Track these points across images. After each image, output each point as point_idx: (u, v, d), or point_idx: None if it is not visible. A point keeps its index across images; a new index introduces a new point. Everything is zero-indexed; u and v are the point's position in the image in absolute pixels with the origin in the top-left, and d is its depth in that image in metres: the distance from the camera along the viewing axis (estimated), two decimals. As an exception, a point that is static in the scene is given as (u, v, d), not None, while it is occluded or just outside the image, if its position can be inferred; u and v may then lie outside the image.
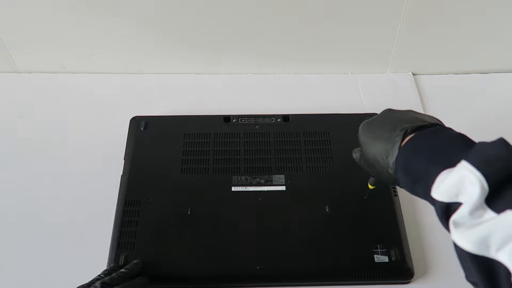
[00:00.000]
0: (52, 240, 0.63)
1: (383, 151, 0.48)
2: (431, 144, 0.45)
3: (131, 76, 0.84)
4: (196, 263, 0.60)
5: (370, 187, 0.61)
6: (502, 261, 0.35)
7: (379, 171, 0.50)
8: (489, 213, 0.37)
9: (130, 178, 0.67)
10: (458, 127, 0.51)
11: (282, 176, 0.67)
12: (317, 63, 0.85)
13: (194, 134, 0.72)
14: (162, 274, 0.59)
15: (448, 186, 0.40)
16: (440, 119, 0.49)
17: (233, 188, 0.66)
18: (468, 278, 0.39)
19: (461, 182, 0.39)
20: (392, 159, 0.47)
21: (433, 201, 0.42)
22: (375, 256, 0.60)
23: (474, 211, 0.37)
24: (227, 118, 0.74)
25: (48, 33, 0.79)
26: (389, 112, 0.53)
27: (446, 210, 0.40)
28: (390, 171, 0.47)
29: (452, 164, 0.41)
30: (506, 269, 0.35)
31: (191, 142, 0.71)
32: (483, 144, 0.41)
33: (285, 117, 0.74)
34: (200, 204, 0.64)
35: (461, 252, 0.38)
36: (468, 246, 0.37)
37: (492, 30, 0.80)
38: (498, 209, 0.37)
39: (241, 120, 0.74)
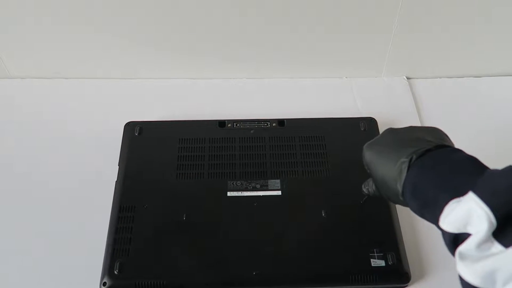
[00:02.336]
0: (45, 246, 0.63)
1: (390, 178, 0.47)
2: (438, 170, 0.44)
3: (125, 81, 0.84)
4: (191, 269, 0.59)
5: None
6: None
7: (389, 195, 0.49)
8: (497, 247, 0.36)
9: (124, 184, 0.66)
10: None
11: (278, 180, 0.67)
12: (311, 68, 0.85)
13: (189, 139, 0.71)
14: (157, 280, 0.58)
15: (456, 218, 0.39)
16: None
17: (229, 193, 0.66)
18: None
19: (469, 215, 0.38)
20: (400, 186, 0.46)
21: (441, 230, 0.41)
22: (371, 260, 0.60)
23: (481, 245, 0.37)
24: (222, 123, 0.74)
25: (41, 38, 0.78)
26: (391, 133, 0.51)
27: (454, 240, 0.40)
28: (401, 198, 0.47)
29: (460, 193, 0.40)
30: None
31: (186, 147, 0.71)
32: (491, 173, 0.40)
33: (281, 122, 0.74)
34: (195, 210, 0.64)
35: (466, 285, 0.37)
36: (473, 280, 0.36)
37: (486, 34, 0.80)
38: (506, 243, 0.36)
39: (236, 125, 0.73)
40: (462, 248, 0.37)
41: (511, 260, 0.35)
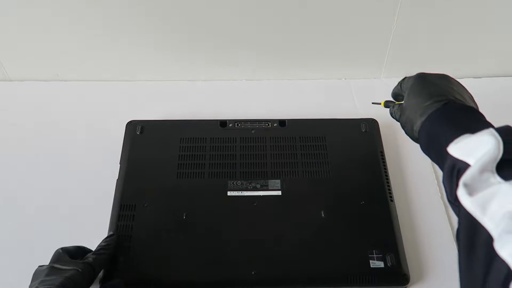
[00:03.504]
0: (46, 245, 0.63)
1: (417, 109, 0.51)
2: (458, 117, 0.48)
3: (124, 83, 0.84)
4: (191, 268, 0.59)
5: (382, 104, 0.64)
6: (486, 226, 0.37)
7: (406, 124, 0.54)
8: (496, 177, 0.38)
9: (125, 183, 0.67)
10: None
11: (278, 181, 0.67)
12: (310, 69, 0.85)
13: (190, 138, 0.72)
14: (157, 279, 0.58)
15: (467, 144, 0.42)
16: None
17: (229, 193, 0.66)
18: (456, 234, 0.41)
19: (480, 143, 0.41)
20: (420, 120, 0.50)
21: (444, 159, 0.44)
22: (370, 261, 0.60)
23: (483, 172, 0.39)
24: (223, 123, 0.74)
25: (40, 41, 0.78)
26: (443, 78, 0.55)
27: (452, 169, 0.42)
28: (415, 133, 0.51)
29: (473, 132, 0.43)
30: (488, 234, 0.36)
31: (187, 146, 0.71)
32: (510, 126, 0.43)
33: (282, 122, 0.74)
34: (195, 209, 0.64)
35: (465, 215, 0.39)
36: (474, 209, 0.38)
37: (485, 34, 0.80)
38: (505, 176, 0.38)
39: (237, 124, 0.74)
40: (465, 176, 0.40)
41: (507, 192, 0.37)
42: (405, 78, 0.58)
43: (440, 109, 0.49)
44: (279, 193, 0.66)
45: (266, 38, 0.79)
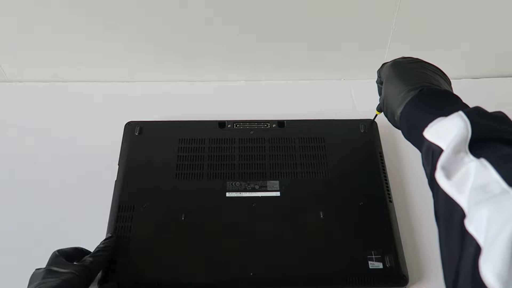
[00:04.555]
0: (45, 247, 0.63)
1: (394, 99, 0.53)
2: (434, 101, 0.50)
3: (123, 84, 0.84)
4: (190, 269, 0.59)
5: (377, 113, 0.68)
6: (461, 204, 0.38)
7: (388, 112, 0.56)
8: (470, 157, 0.40)
9: (124, 183, 0.67)
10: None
11: (277, 182, 0.67)
12: (309, 70, 0.85)
13: (189, 139, 0.72)
14: (155, 280, 0.58)
15: (439, 127, 0.45)
16: None
17: (227, 194, 0.66)
18: (435, 212, 0.43)
19: (450, 125, 0.43)
20: (399, 109, 0.52)
21: (421, 142, 0.47)
22: (369, 262, 0.60)
23: (457, 153, 0.41)
24: (222, 124, 0.74)
25: (38, 42, 0.78)
26: (417, 63, 0.57)
27: (427, 152, 0.45)
28: (396, 118, 0.53)
29: (447, 115, 0.45)
30: (462, 211, 0.38)
31: (186, 147, 0.71)
32: (481, 107, 0.45)
33: (280, 123, 0.74)
34: (194, 210, 0.64)
35: (443, 197, 0.40)
36: (452, 190, 0.40)
37: (484, 35, 0.80)
38: (477, 155, 0.40)
39: (236, 125, 0.74)
40: (441, 159, 0.42)
41: (479, 170, 0.38)
42: (383, 64, 0.60)
43: (415, 96, 0.51)
44: (278, 194, 0.66)
45: (265, 39, 0.79)
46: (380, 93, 0.64)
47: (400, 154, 0.74)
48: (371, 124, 0.74)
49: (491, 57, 0.84)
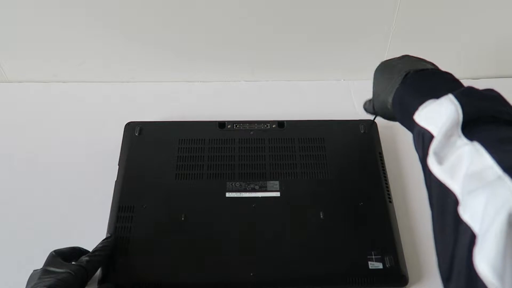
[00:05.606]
0: (45, 247, 0.63)
1: (385, 89, 0.53)
2: (424, 84, 0.49)
3: (122, 85, 0.84)
4: (189, 269, 0.59)
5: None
6: (454, 190, 0.37)
7: (380, 105, 0.56)
8: (463, 140, 0.39)
9: (124, 184, 0.67)
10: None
11: (277, 182, 0.67)
12: (309, 70, 0.85)
13: (189, 139, 0.72)
14: (155, 280, 0.58)
15: (429, 111, 0.44)
16: None
17: (227, 194, 0.66)
18: (429, 199, 0.42)
19: (440, 109, 0.42)
20: (391, 96, 0.52)
21: (413, 126, 0.45)
22: (369, 262, 0.60)
23: (449, 137, 0.40)
24: (222, 124, 0.74)
25: (38, 42, 0.78)
26: (404, 57, 0.57)
27: (418, 136, 0.44)
28: (389, 106, 0.53)
29: (438, 97, 0.44)
30: (455, 198, 0.37)
31: (186, 147, 0.71)
32: (472, 86, 0.45)
33: (280, 123, 0.74)
34: (194, 210, 0.64)
35: (432, 177, 0.40)
36: (440, 174, 0.39)
37: (484, 35, 0.80)
38: (471, 137, 0.39)
39: (236, 126, 0.74)
40: (433, 145, 0.41)
41: (473, 154, 0.37)
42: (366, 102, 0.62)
43: (403, 81, 0.51)
44: (277, 194, 0.66)
45: (264, 39, 0.79)
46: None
47: (400, 154, 0.74)
48: (371, 124, 0.74)
49: (491, 57, 0.84)
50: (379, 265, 0.60)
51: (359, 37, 0.79)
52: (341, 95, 0.83)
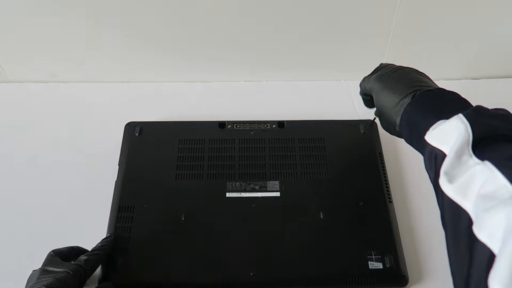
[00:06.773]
0: (45, 247, 0.63)
1: (391, 109, 0.53)
2: (433, 104, 0.49)
3: (123, 85, 0.84)
4: (189, 270, 0.59)
5: (376, 116, 0.63)
6: (467, 209, 0.37)
7: (388, 126, 0.56)
8: (474, 159, 0.40)
9: (124, 184, 0.67)
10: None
11: (277, 182, 0.67)
12: (309, 70, 0.85)
13: (189, 140, 0.72)
14: (155, 280, 0.58)
15: (440, 131, 0.44)
16: None
17: (227, 194, 0.66)
18: (442, 220, 0.42)
19: (450, 129, 0.42)
20: (398, 118, 0.52)
21: (424, 147, 0.46)
22: (369, 262, 0.60)
23: (461, 156, 0.40)
24: (222, 124, 0.74)
25: (38, 42, 0.78)
26: (400, 70, 0.56)
27: (430, 156, 0.44)
28: (397, 128, 0.53)
29: (447, 118, 0.44)
30: (468, 217, 0.37)
31: (186, 148, 0.71)
32: (481, 106, 0.45)
33: (280, 123, 0.74)
34: (194, 210, 0.64)
35: (448, 203, 0.40)
36: (455, 195, 0.39)
37: (484, 35, 0.80)
38: (482, 157, 0.39)
39: (236, 126, 0.74)
40: (445, 165, 0.41)
41: (485, 173, 0.37)
42: (365, 78, 0.60)
43: (411, 103, 0.50)
44: (277, 194, 0.66)
45: (264, 39, 0.79)
46: (366, 105, 0.64)
47: (400, 154, 0.74)
48: (371, 124, 0.74)
49: (491, 57, 0.84)
50: (379, 265, 0.60)
51: (359, 38, 0.79)
52: (341, 95, 0.83)
